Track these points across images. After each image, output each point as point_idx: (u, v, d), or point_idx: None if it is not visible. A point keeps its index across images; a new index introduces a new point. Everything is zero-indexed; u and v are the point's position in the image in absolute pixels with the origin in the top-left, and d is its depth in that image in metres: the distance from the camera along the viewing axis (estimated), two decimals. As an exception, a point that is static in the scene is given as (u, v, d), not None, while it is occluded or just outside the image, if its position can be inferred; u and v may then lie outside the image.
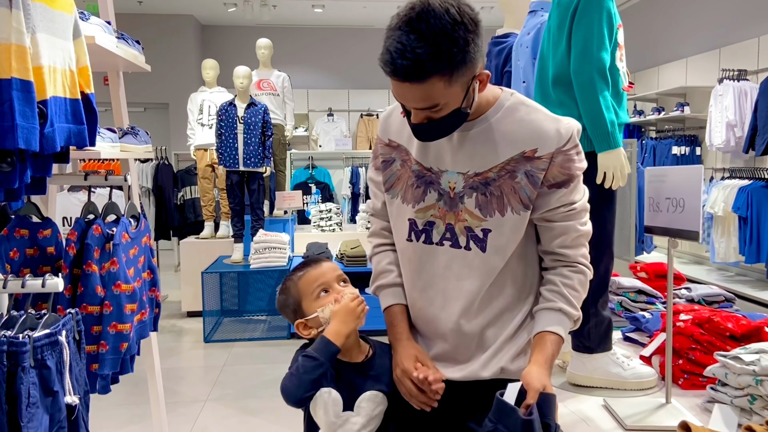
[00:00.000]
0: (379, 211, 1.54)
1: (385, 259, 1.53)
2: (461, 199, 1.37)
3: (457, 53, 1.16)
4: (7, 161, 1.37)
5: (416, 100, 1.22)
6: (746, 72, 5.82)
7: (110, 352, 1.97)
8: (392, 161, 1.46)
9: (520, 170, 1.32)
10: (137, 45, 2.30)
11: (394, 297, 1.49)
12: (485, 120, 1.34)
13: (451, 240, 1.38)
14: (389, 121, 1.50)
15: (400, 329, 1.45)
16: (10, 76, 1.30)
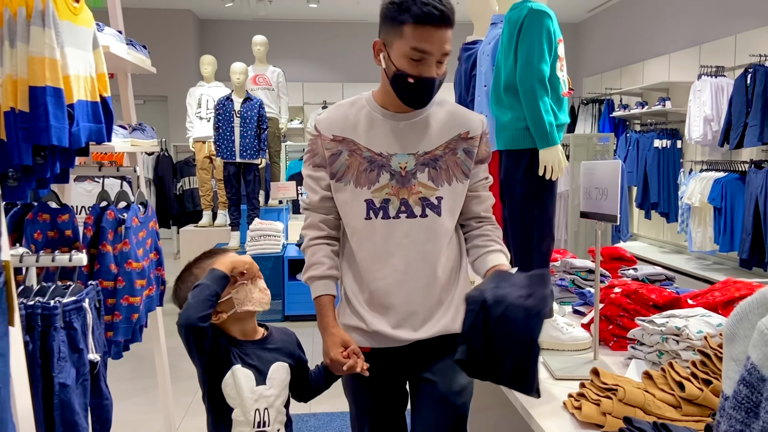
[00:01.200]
0: (316, 204, 1.67)
1: (319, 252, 1.66)
2: (413, 175, 1.61)
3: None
4: (41, 155, 1.63)
5: (446, 42, 1.50)
6: (723, 68, 6.01)
7: (123, 321, 2.24)
8: (339, 153, 1.62)
9: (459, 148, 1.63)
10: (144, 50, 2.56)
11: (325, 288, 1.64)
12: (424, 111, 1.63)
13: (407, 212, 1.61)
14: (330, 120, 1.66)
15: (328, 318, 1.62)
16: (44, 85, 1.56)
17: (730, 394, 0.91)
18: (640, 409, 1.32)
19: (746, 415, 0.89)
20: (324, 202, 1.67)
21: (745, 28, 5.91)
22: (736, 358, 0.93)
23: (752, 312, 0.92)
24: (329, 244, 1.68)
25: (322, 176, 1.66)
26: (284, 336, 1.67)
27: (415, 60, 1.50)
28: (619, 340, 1.87)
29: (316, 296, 1.65)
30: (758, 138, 5.19)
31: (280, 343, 1.63)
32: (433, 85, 1.54)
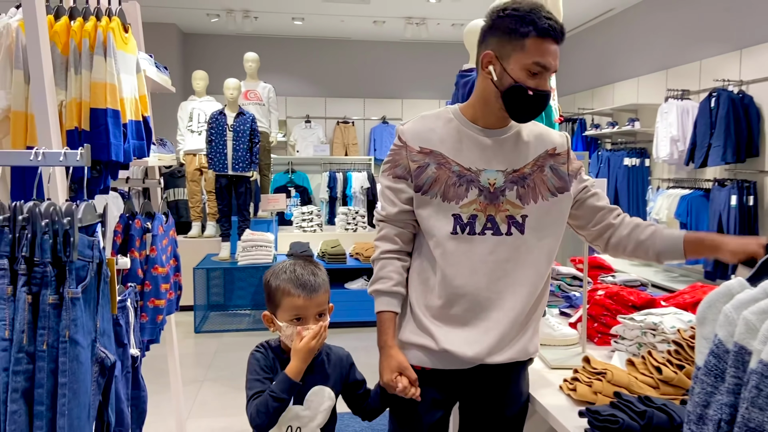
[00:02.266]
0: (393, 217, 1.64)
1: (388, 266, 1.63)
2: (502, 192, 1.58)
3: None
4: (96, 169, 1.83)
5: (556, 58, 1.52)
6: (689, 92, 6.35)
7: (149, 322, 2.42)
8: (426, 166, 1.59)
9: (547, 165, 1.62)
10: (165, 71, 2.76)
11: (388, 304, 1.61)
12: (511, 129, 1.63)
13: (492, 229, 1.57)
14: (416, 131, 1.64)
15: (387, 336, 1.60)
16: (105, 107, 1.77)
17: (702, 365, 1.16)
18: (625, 389, 1.56)
19: (715, 379, 1.14)
20: (401, 215, 1.64)
21: (710, 54, 6.28)
22: (706, 337, 1.18)
23: (719, 300, 1.18)
24: (400, 259, 1.65)
25: (403, 188, 1.63)
26: (337, 359, 1.69)
27: (534, 73, 1.50)
28: (602, 336, 2.13)
29: (379, 311, 1.62)
30: (721, 158, 5.53)
31: (330, 366, 1.66)
32: (548, 99, 1.55)
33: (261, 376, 1.58)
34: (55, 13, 1.81)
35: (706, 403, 1.13)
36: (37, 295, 1.16)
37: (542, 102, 1.54)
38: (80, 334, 1.18)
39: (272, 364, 1.62)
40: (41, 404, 1.13)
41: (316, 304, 1.60)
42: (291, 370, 1.54)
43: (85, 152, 1.32)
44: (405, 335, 1.63)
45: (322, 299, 1.62)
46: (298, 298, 1.58)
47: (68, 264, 1.18)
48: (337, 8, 8.18)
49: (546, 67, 1.51)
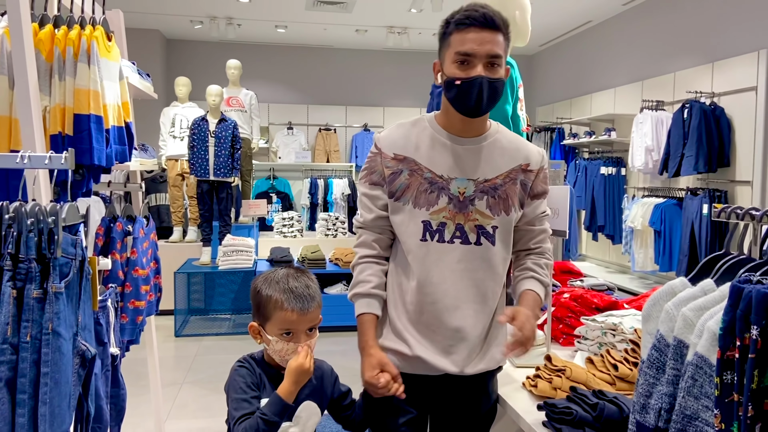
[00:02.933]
0: (370, 223, 1.66)
1: (367, 270, 1.65)
2: (471, 201, 1.58)
3: (507, 31, 1.55)
4: (79, 172, 1.89)
5: (490, 43, 1.49)
6: (663, 103, 6.50)
7: (129, 323, 2.47)
8: (400, 172, 1.61)
9: (518, 179, 1.62)
10: (148, 78, 2.82)
11: (368, 306, 1.62)
12: (488, 137, 1.63)
13: (461, 237, 1.58)
14: (391, 138, 1.65)
15: (368, 337, 1.59)
16: (89, 113, 1.83)
17: (645, 358, 1.25)
18: (583, 384, 1.65)
19: (656, 371, 1.23)
20: (378, 222, 1.66)
21: (683, 66, 6.46)
22: (650, 332, 1.27)
23: (662, 298, 1.27)
24: (379, 263, 1.67)
25: (378, 195, 1.65)
26: (320, 372, 1.65)
27: (461, 63, 1.50)
28: (567, 337, 2.22)
29: (359, 314, 1.62)
30: (693, 167, 5.67)
31: (315, 381, 1.61)
32: (480, 85, 1.50)
33: (248, 395, 1.49)
34: (39, 21, 1.87)
35: (649, 393, 1.22)
36: (22, 289, 1.22)
37: (474, 89, 1.50)
38: (62, 326, 1.24)
39: (259, 380, 1.54)
40: (24, 393, 1.18)
41: (309, 319, 1.54)
42: (284, 392, 1.47)
43: (69, 156, 1.39)
44: (381, 339, 1.64)
45: (315, 314, 1.56)
46: (291, 312, 1.51)
47: (52, 260, 1.24)
48: (320, 17, 8.27)
49: (468, 54, 1.50)
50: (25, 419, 1.18)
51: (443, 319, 1.58)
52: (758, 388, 1.03)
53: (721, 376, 1.07)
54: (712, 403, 1.09)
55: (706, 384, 1.10)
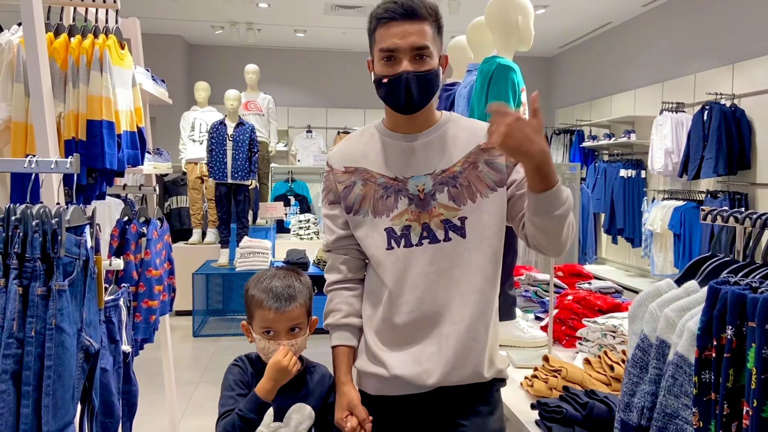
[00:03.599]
0: (333, 245, 1.58)
1: (336, 298, 1.57)
2: (432, 196, 1.47)
3: (436, 17, 1.44)
4: (92, 176, 1.96)
5: (415, 34, 1.39)
6: (683, 105, 6.43)
7: (143, 322, 2.54)
8: (353, 185, 1.52)
9: (480, 160, 1.48)
10: (163, 83, 2.90)
11: (339, 338, 1.54)
12: (437, 128, 1.52)
13: (429, 237, 1.46)
14: (340, 153, 1.58)
15: (339, 372, 1.52)
16: (101, 119, 1.90)
17: (630, 358, 1.28)
18: (579, 385, 1.67)
19: (640, 371, 1.25)
20: (341, 242, 1.57)
21: (704, 68, 6.39)
22: (636, 333, 1.29)
23: (647, 299, 1.29)
24: (348, 288, 1.58)
25: (337, 214, 1.56)
26: (318, 377, 1.64)
27: (387, 60, 1.42)
28: (570, 339, 2.24)
29: (332, 345, 1.56)
30: (713, 170, 5.61)
31: (311, 384, 1.61)
32: (406, 81, 1.41)
33: (235, 392, 1.53)
34: (55, 30, 1.95)
35: (633, 392, 1.24)
36: (27, 287, 1.29)
37: (401, 86, 1.42)
38: (66, 322, 1.30)
39: (250, 379, 1.57)
40: (28, 385, 1.25)
41: (287, 318, 1.53)
42: (261, 389, 1.48)
43: (75, 161, 1.45)
44: (359, 363, 1.55)
45: (295, 314, 1.54)
46: (269, 311, 1.52)
47: (56, 260, 1.31)
48: (338, 21, 8.34)
49: (391, 49, 1.41)
50: (30, 410, 1.24)
51: (422, 328, 1.47)
52: (734, 387, 1.04)
53: (699, 375, 1.09)
54: (691, 401, 1.11)
55: (685, 383, 1.12)
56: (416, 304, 1.47)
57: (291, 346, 1.53)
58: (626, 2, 7.30)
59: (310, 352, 1.66)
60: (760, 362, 0.98)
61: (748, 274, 1.17)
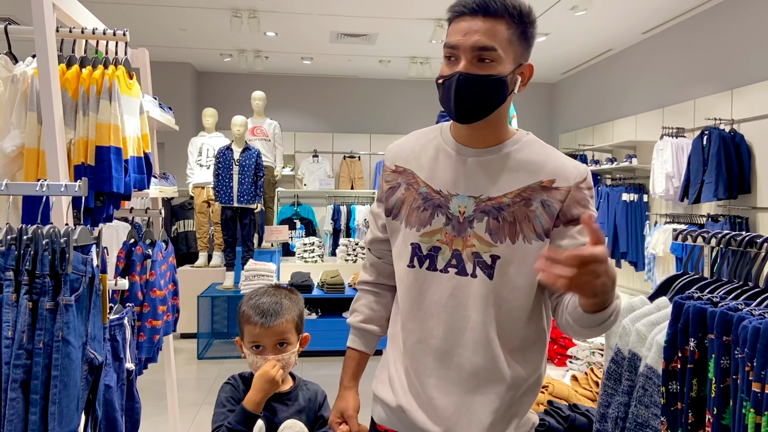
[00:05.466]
0: (369, 244, 1.51)
1: (361, 299, 1.51)
2: (470, 223, 1.30)
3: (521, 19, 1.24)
4: (100, 199, 2.05)
5: (481, 32, 1.21)
6: (683, 130, 6.51)
7: (147, 341, 2.61)
8: (398, 186, 1.41)
9: (536, 199, 1.28)
10: (170, 111, 3.01)
11: (352, 341, 1.50)
12: (503, 149, 1.32)
13: (457, 267, 1.30)
14: (397, 149, 1.45)
15: (343, 375, 1.48)
16: (109, 145, 2.00)
17: (605, 371, 1.34)
18: (564, 400, 1.73)
19: (614, 383, 1.31)
20: (376, 244, 1.49)
21: (703, 93, 6.48)
22: (611, 347, 1.36)
23: (622, 315, 1.36)
24: (374, 293, 1.50)
25: (380, 213, 1.47)
26: (310, 394, 1.66)
27: (448, 59, 1.28)
28: (561, 358, 2.29)
29: (347, 346, 1.52)
30: (713, 194, 5.67)
31: (302, 400, 1.63)
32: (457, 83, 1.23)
33: (226, 408, 1.57)
34: (67, 62, 2.06)
35: (608, 403, 1.30)
36: (37, 301, 1.37)
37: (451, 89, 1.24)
38: (72, 335, 1.38)
39: (241, 395, 1.59)
40: (36, 393, 1.33)
41: (273, 333, 1.56)
42: (248, 401, 1.52)
43: (83, 184, 1.54)
44: (375, 382, 1.45)
45: (282, 329, 1.57)
46: (255, 326, 1.57)
47: (64, 276, 1.39)
48: (344, 48, 8.52)
49: (453, 46, 1.26)
50: (37, 417, 1.32)
51: (428, 365, 1.32)
52: (698, 397, 1.11)
53: (666, 385, 1.15)
54: (660, 410, 1.17)
55: (654, 393, 1.19)
56: (423, 335, 1.33)
57: (278, 360, 1.56)
58: (626, 30, 7.44)
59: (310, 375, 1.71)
60: (719, 372, 1.04)
61: (714, 291, 1.23)
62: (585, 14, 6.74)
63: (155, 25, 7.54)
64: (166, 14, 7.06)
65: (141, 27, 7.52)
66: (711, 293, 1.21)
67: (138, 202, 3.64)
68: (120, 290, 2.26)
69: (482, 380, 1.29)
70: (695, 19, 6.73)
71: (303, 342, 1.66)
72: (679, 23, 7.00)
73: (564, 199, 1.27)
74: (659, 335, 1.20)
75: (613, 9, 6.65)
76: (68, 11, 2.10)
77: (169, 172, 3.08)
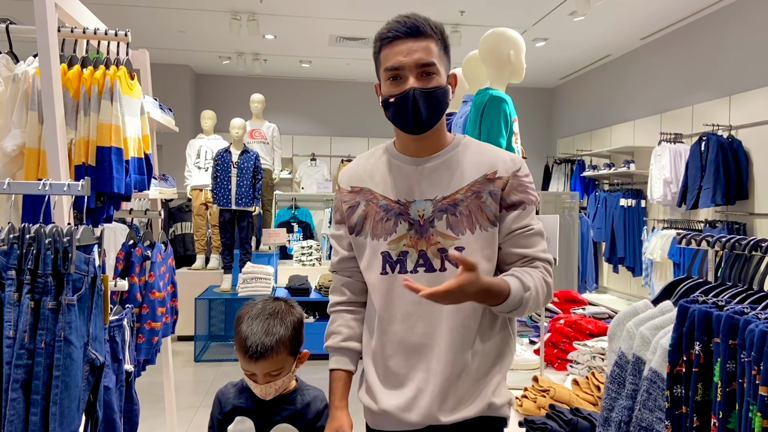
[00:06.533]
0: (337, 266, 1.57)
1: (337, 320, 1.55)
2: (431, 223, 1.42)
3: (442, 36, 1.42)
4: (101, 200, 2.04)
5: (420, 51, 1.36)
6: (681, 135, 6.52)
7: (145, 343, 2.60)
8: (357, 205, 1.50)
9: (485, 191, 1.42)
10: (170, 112, 3.00)
11: (336, 362, 1.52)
12: (446, 153, 1.47)
13: (425, 265, 1.42)
14: (350, 171, 1.56)
15: (333, 396, 1.51)
16: (110, 145, 1.99)
17: (609, 374, 1.33)
18: (566, 404, 1.72)
19: (618, 387, 1.31)
20: (345, 263, 1.56)
21: (701, 100, 6.50)
22: (614, 350, 1.35)
23: (625, 318, 1.36)
24: (350, 311, 1.56)
25: (342, 234, 1.55)
26: (309, 398, 1.65)
27: (393, 80, 1.40)
28: (561, 362, 2.29)
29: (330, 369, 1.54)
30: (711, 200, 5.67)
31: (299, 405, 1.62)
32: (413, 98, 1.38)
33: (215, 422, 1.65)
34: (69, 62, 2.05)
35: (611, 407, 1.30)
36: (39, 301, 1.36)
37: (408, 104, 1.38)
38: (74, 335, 1.37)
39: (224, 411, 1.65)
40: (37, 393, 1.32)
41: (261, 367, 1.54)
42: None
43: (86, 184, 1.54)
44: (360, 393, 1.54)
45: (273, 363, 1.54)
46: (246, 357, 1.54)
47: (66, 276, 1.39)
48: (343, 52, 8.53)
49: (397, 68, 1.38)
50: (38, 417, 1.31)
51: (411, 361, 1.42)
52: (703, 401, 1.10)
53: (671, 389, 1.15)
54: (664, 414, 1.16)
55: (659, 397, 1.18)
56: (405, 334, 1.43)
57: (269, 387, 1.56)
58: (625, 36, 7.46)
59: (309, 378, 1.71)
60: (725, 376, 1.04)
61: (718, 294, 1.23)
62: (584, 20, 6.75)
63: (154, 27, 7.54)
64: (165, 16, 7.06)
65: (139, 28, 7.51)
66: (715, 297, 1.20)
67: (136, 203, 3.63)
68: (119, 291, 2.24)
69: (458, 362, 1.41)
70: (693, 25, 6.75)
71: (302, 358, 1.64)
72: (678, 29, 7.02)
73: (504, 187, 1.44)
74: (664, 339, 1.19)
75: (612, 15, 6.67)
76: (70, 11, 2.10)
77: (167, 174, 3.07)
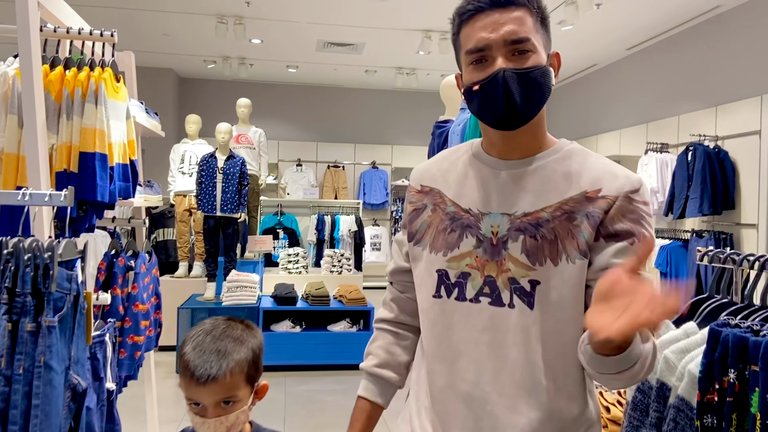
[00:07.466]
0: (391, 276, 1.34)
1: (378, 340, 1.32)
2: (504, 244, 1.11)
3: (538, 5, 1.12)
4: (83, 209, 1.94)
5: (509, 23, 1.07)
6: (668, 145, 6.56)
7: (127, 358, 2.49)
8: (423, 208, 1.24)
9: (580, 212, 1.08)
10: (156, 116, 2.90)
11: (364, 389, 1.29)
12: (542, 158, 1.14)
13: (491, 296, 1.11)
14: (423, 168, 1.30)
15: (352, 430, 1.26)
16: (94, 151, 1.89)
17: (630, 400, 1.26)
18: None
19: (640, 414, 1.23)
20: (399, 275, 1.31)
21: (687, 110, 6.53)
22: (635, 375, 1.28)
23: (645, 341, 1.28)
24: (393, 333, 1.32)
25: (403, 240, 1.29)
26: None
27: (477, 63, 1.10)
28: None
29: (357, 394, 1.30)
30: (698, 209, 5.69)
31: None
32: (503, 81, 1.06)
33: None
34: (51, 62, 1.95)
35: (633, 436, 1.22)
36: (17, 323, 1.25)
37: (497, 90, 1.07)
38: (54, 360, 1.27)
39: None
40: (15, 424, 1.21)
41: (212, 392, 1.23)
42: None
43: (69, 193, 1.44)
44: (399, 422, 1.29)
45: (223, 386, 1.23)
46: (190, 380, 1.24)
47: (47, 295, 1.28)
48: (330, 57, 8.45)
49: (480, 48, 1.09)
50: (15, 450, 1.20)
51: (458, 414, 1.13)
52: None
53: (701, 419, 1.07)
54: (693, 446, 1.09)
55: (687, 427, 1.11)
56: (452, 379, 1.14)
57: (220, 423, 1.24)
58: (611, 45, 7.48)
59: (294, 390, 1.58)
60: (765, 407, 0.97)
61: (747, 317, 1.16)
62: (570, 29, 6.75)
63: (137, 30, 7.41)
64: (149, 18, 6.93)
65: (122, 31, 7.36)
66: (744, 319, 1.13)
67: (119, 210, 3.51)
68: (100, 305, 2.14)
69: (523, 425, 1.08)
70: (679, 36, 6.78)
71: (260, 392, 1.35)
72: (663, 40, 7.05)
73: (608, 209, 1.07)
74: (691, 364, 1.12)
75: (598, 25, 6.68)
76: (53, 10, 1.99)
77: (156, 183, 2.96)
